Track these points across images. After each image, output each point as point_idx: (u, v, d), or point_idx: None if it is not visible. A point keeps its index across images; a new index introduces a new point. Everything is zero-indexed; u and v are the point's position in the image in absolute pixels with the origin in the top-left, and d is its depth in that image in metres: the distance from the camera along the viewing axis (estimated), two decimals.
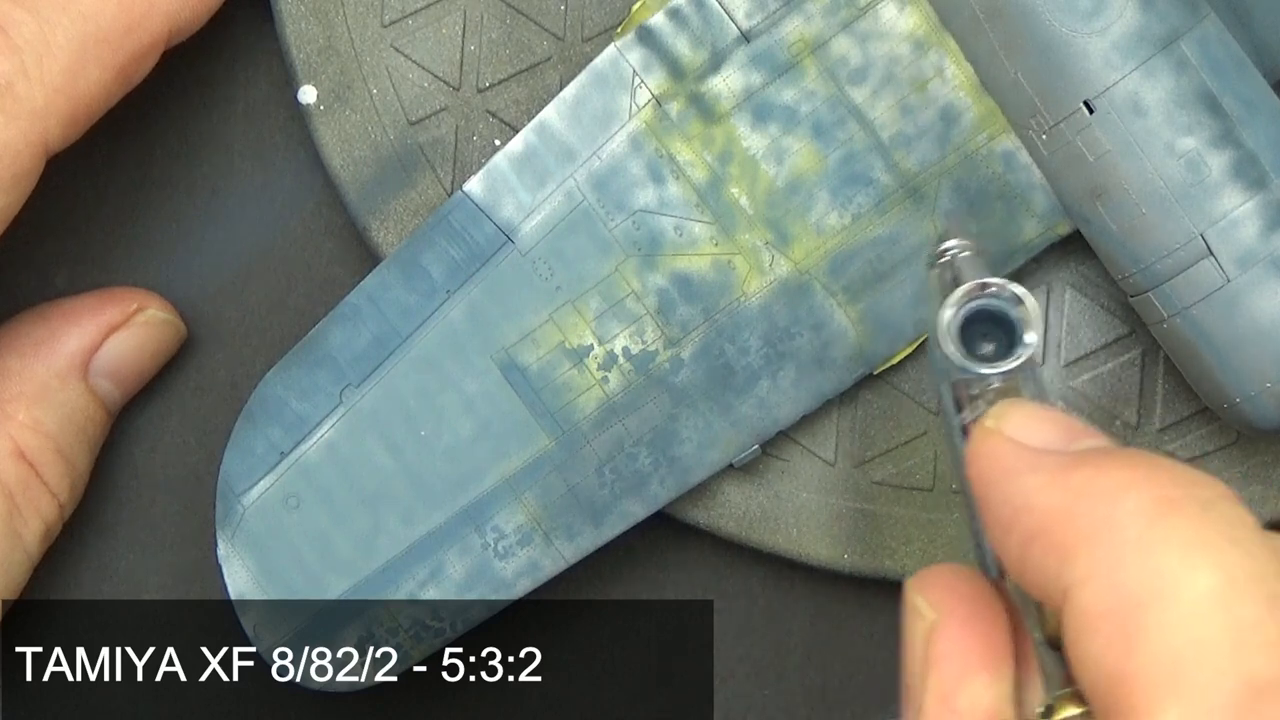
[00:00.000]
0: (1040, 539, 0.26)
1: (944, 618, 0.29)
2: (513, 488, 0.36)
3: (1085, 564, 0.26)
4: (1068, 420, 0.29)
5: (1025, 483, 0.27)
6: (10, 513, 0.36)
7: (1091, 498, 0.26)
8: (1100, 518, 0.26)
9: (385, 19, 0.37)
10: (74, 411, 0.37)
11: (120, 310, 0.38)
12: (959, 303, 0.30)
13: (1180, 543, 0.25)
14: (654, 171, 0.36)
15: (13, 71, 0.33)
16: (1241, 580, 0.25)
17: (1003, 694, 0.29)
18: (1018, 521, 0.27)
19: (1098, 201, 0.35)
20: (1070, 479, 0.27)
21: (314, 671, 0.37)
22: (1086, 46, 0.34)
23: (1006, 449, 0.28)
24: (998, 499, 0.28)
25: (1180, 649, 0.24)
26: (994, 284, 0.30)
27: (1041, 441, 0.28)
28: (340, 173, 0.38)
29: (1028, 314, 0.30)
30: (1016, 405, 0.29)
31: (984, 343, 0.30)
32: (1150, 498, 0.26)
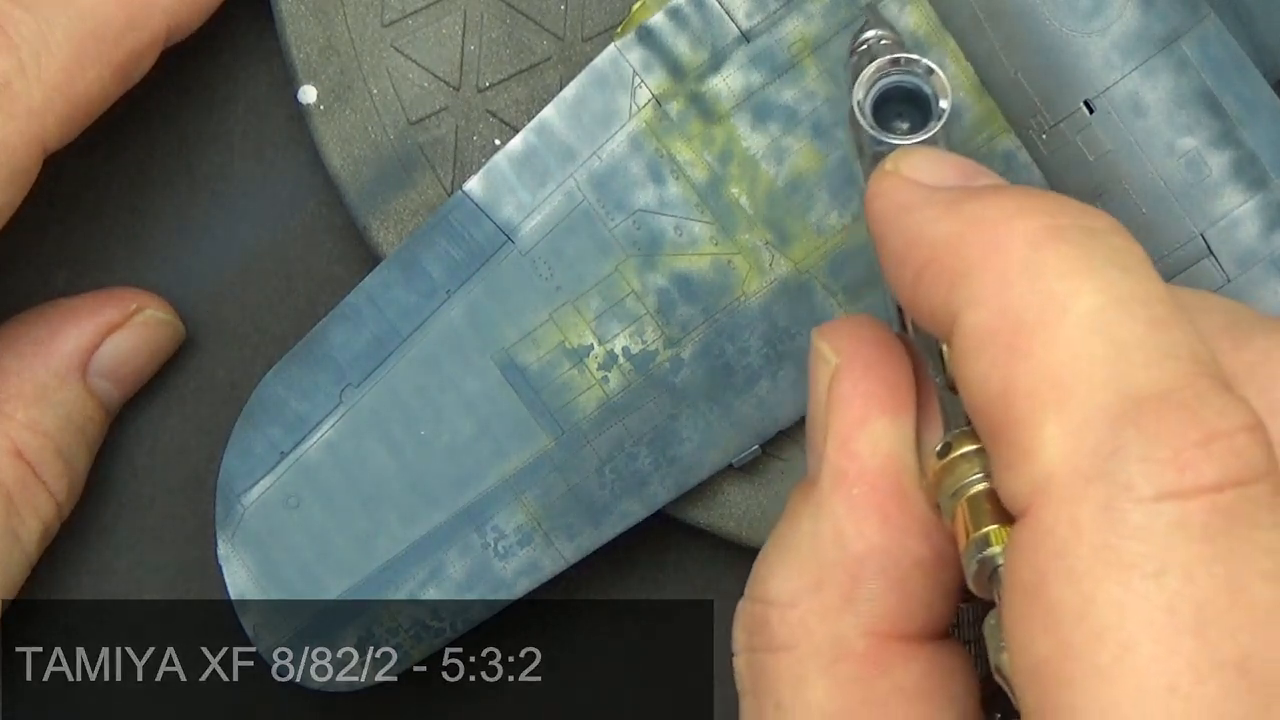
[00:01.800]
0: (931, 267, 0.27)
1: (846, 361, 0.29)
2: (513, 488, 0.36)
3: (972, 288, 0.26)
4: (965, 161, 0.29)
5: (919, 216, 0.27)
6: (8, 512, 0.36)
7: (980, 225, 0.26)
8: (988, 243, 0.26)
9: (385, 19, 0.37)
10: (72, 411, 0.37)
11: (119, 310, 0.38)
12: (872, 78, 0.31)
13: (1066, 266, 0.25)
14: (654, 171, 0.36)
15: (10, 69, 0.33)
16: (1125, 301, 0.25)
17: (902, 436, 0.29)
18: (911, 254, 0.27)
19: (1098, 201, 0.35)
20: (961, 209, 0.27)
21: (314, 671, 0.37)
22: (1086, 46, 0.34)
23: (902, 187, 0.28)
24: (894, 235, 0.28)
25: (1062, 365, 0.25)
26: (905, 58, 0.31)
27: (938, 180, 0.28)
28: (340, 172, 0.38)
29: (940, 84, 0.30)
30: (915, 149, 0.29)
31: (899, 121, 0.31)
32: (1038, 225, 0.26)
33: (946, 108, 0.30)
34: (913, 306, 0.27)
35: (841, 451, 0.29)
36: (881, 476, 0.29)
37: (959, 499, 0.27)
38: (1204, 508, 0.23)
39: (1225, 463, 0.24)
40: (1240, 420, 0.24)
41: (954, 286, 0.26)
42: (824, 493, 0.29)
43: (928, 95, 0.31)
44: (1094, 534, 0.24)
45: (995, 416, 0.25)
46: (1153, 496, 0.23)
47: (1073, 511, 0.24)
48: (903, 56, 0.31)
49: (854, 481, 0.29)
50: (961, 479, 0.27)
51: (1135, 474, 0.24)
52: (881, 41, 0.32)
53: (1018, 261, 0.25)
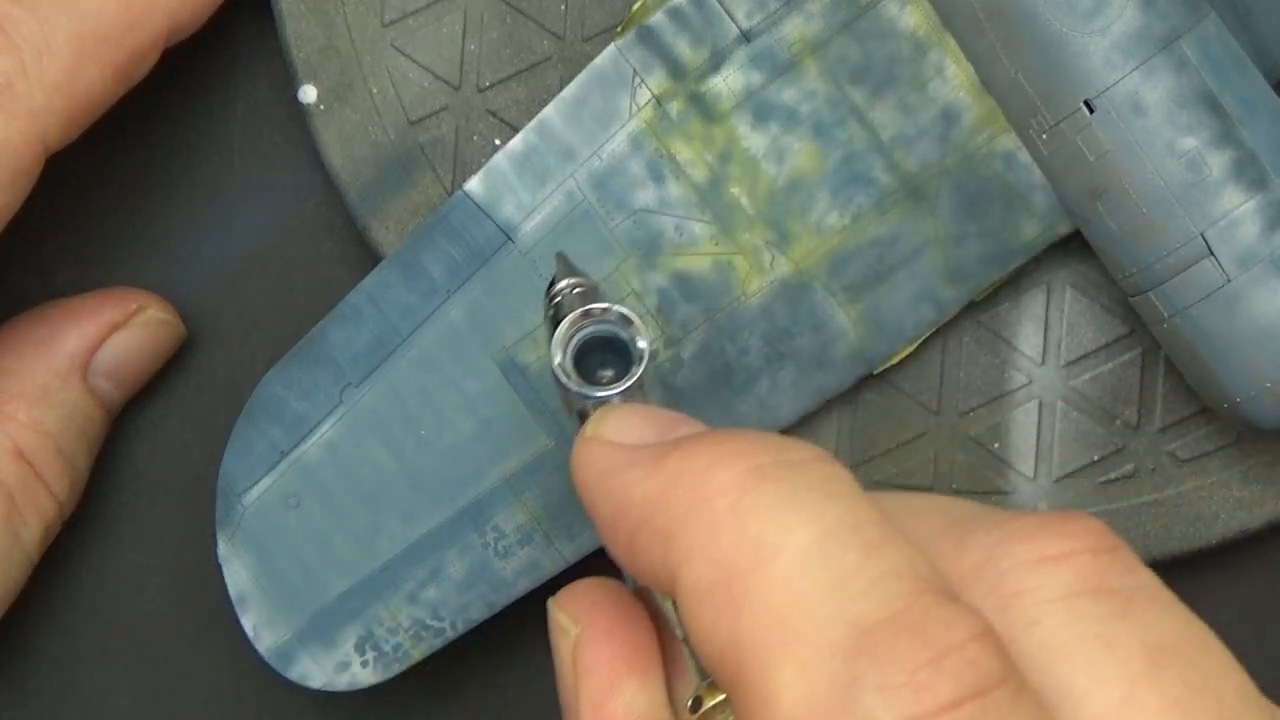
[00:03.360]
0: (643, 529, 0.27)
1: (586, 629, 0.30)
2: (513, 487, 0.36)
3: (684, 544, 0.26)
4: (663, 414, 0.29)
5: (623, 479, 0.27)
6: (9, 512, 0.36)
7: (684, 479, 0.26)
8: (693, 497, 0.26)
9: (385, 18, 0.37)
10: (74, 411, 0.37)
11: (120, 310, 0.38)
12: (567, 335, 0.31)
13: (772, 506, 0.25)
14: (654, 171, 0.36)
15: (12, 70, 0.33)
16: (837, 531, 0.25)
17: (653, 696, 0.29)
18: (621, 518, 0.27)
19: (1098, 201, 0.35)
20: (664, 466, 0.27)
21: (314, 671, 0.37)
22: (1087, 46, 0.34)
23: (604, 452, 0.28)
24: (601, 501, 0.28)
25: (782, 606, 0.24)
26: (596, 309, 0.31)
27: (638, 438, 0.28)
28: (340, 172, 0.38)
29: (638, 330, 0.31)
30: (611, 410, 0.30)
31: (603, 370, 0.31)
32: (740, 469, 0.26)
33: (645, 348, 0.31)
34: (632, 569, 0.27)
35: (597, 717, 0.29)
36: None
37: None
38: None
39: (960, 676, 0.24)
40: (969, 630, 0.24)
41: (667, 546, 0.26)
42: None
43: (625, 341, 0.31)
44: None
45: (729, 668, 0.25)
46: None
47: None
48: (595, 307, 0.31)
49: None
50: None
51: (873, 704, 0.24)
52: (575, 290, 0.32)
53: (724, 510, 0.25)
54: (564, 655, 0.30)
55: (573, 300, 0.32)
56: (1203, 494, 0.38)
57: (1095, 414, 0.38)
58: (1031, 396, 0.38)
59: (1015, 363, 0.38)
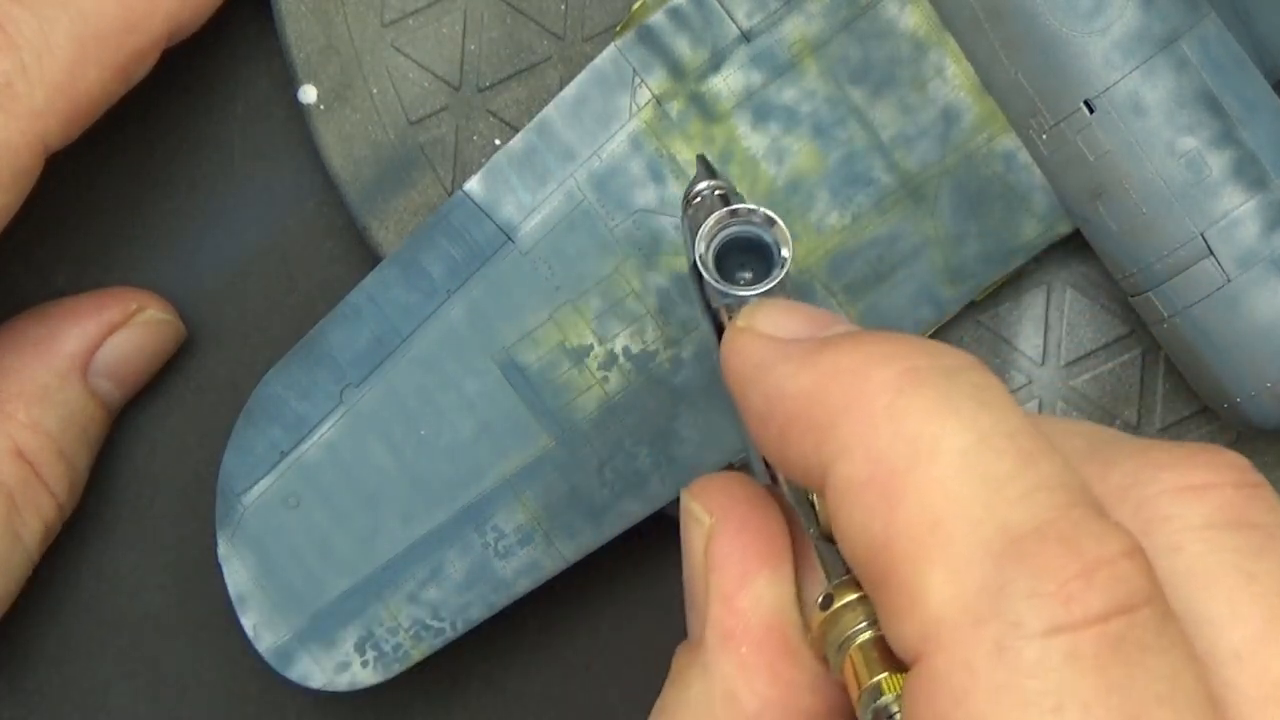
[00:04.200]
0: (796, 423, 0.26)
1: (720, 521, 0.29)
2: (513, 487, 0.36)
3: (839, 439, 0.26)
4: (816, 311, 0.29)
5: (778, 372, 0.27)
6: (10, 512, 0.36)
7: (839, 376, 0.26)
8: (849, 393, 0.26)
9: (385, 18, 0.37)
10: (74, 411, 0.37)
11: (120, 310, 0.38)
12: (712, 231, 0.31)
13: (929, 408, 0.25)
14: (654, 171, 0.36)
15: (12, 70, 0.33)
16: (993, 437, 0.25)
17: (784, 591, 0.29)
18: (774, 410, 0.27)
19: (1098, 201, 0.35)
20: (819, 361, 0.27)
21: (314, 671, 0.37)
22: (1087, 46, 0.34)
23: (757, 344, 0.28)
24: (754, 393, 0.28)
25: (937, 507, 0.24)
26: (743, 209, 0.31)
27: (791, 333, 0.28)
28: (340, 172, 0.38)
29: (780, 233, 0.30)
30: (764, 303, 0.29)
31: (742, 273, 0.31)
32: (896, 369, 0.26)
33: (789, 255, 0.30)
34: (781, 462, 0.27)
35: (725, 611, 0.29)
36: (768, 633, 0.29)
37: (846, 650, 0.26)
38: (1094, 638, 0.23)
39: (1110, 591, 0.24)
40: (1119, 546, 0.24)
41: (820, 440, 0.26)
42: (711, 653, 0.29)
43: (769, 244, 0.31)
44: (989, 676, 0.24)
45: (877, 566, 0.25)
46: (1043, 632, 0.23)
47: (966, 655, 0.24)
48: (741, 207, 0.31)
49: (741, 640, 0.29)
50: (846, 629, 0.26)
51: (1023, 611, 0.24)
52: (716, 193, 0.32)
53: (880, 409, 0.25)
54: (695, 546, 0.30)
55: (714, 201, 0.32)
56: None
57: (1095, 414, 0.38)
58: (1031, 396, 0.38)
59: (1015, 363, 0.38)
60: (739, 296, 0.30)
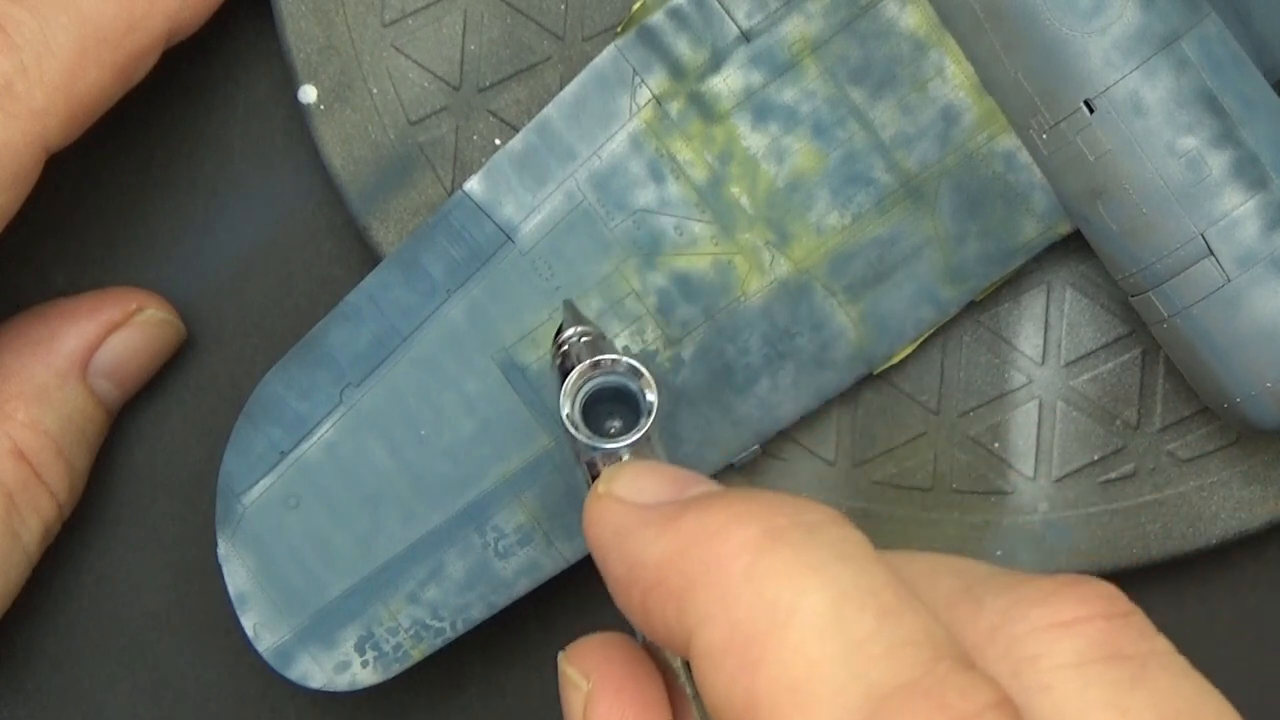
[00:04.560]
0: (656, 590, 0.27)
1: (597, 685, 0.30)
2: (513, 487, 0.36)
3: (701, 606, 0.26)
4: (678, 472, 0.29)
5: (636, 539, 0.27)
6: (9, 513, 0.36)
7: (698, 540, 0.26)
8: (708, 558, 0.26)
9: (385, 18, 0.37)
10: (73, 411, 0.37)
11: (120, 310, 0.38)
12: (576, 385, 0.31)
13: (788, 569, 0.25)
14: (654, 171, 0.36)
15: (12, 70, 0.33)
16: (851, 595, 0.25)
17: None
18: (634, 578, 0.27)
19: (1098, 201, 0.35)
20: (678, 526, 0.27)
21: (314, 671, 0.37)
22: (1087, 46, 0.34)
23: (616, 510, 0.28)
24: (614, 559, 0.28)
25: (800, 670, 0.24)
26: (606, 360, 0.31)
27: (652, 496, 0.28)
28: (340, 172, 0.38)
29: (647, 383, 0.31)
30: (624, 466, 0.29)
31: (611, 421, 0.31)
32: (755, 531, 0.26)
33: (655, 401, 0.31)
34: (646, 629, 0.27)
35: None
36: None
37: None
38: None
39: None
40: (985, 699, 0.24)
41: (681, 607, 0.26)
42: None
43: (634, 393, 0.31)
44: None
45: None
46: None
47: None
48: (604, 358, 0.31)
49: None
50: None
51: None
52: (582, 339, 0.32)
53: (739, 572, 0.25)
54: (575, 710, 0.30)
55: (580, 349, 0.32)
56: (1203, 494, 0.38)
57: (1095, 414, 0.38)
58: (1031, 396, 0.38)
59: (1015, 363, 0.38)
60: (606, 450, 0.30)
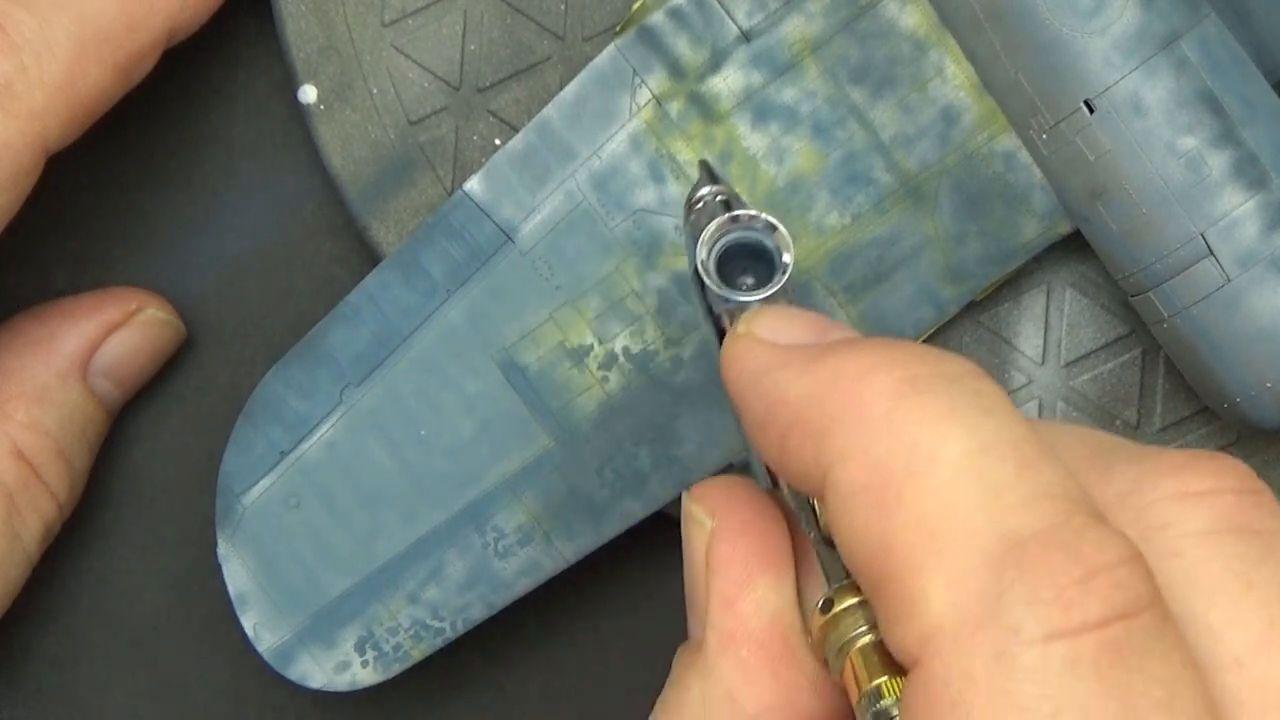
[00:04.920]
0: (796, 428, 0.26)
1: (722, 524, 0.30)
2: (513, 487, 0.36)
3: (839, 444, 0.26)
4: (816, 317, 0.29)
5: (777, 377, 0.27)
6: (9, 513, 0.36)
7: (840, 382, 0.26)
8: (849, 399, 0.26)
9: (385, 18, 0.37)
10: (73, 412, 0.37)
11: (120, 310, 0.38)
12: (713, 237, 0.31)
13: (929, 415, 0.25)
14: (654, 171, 0.36)
15: (12, 70, 0.33)
16: (992, 445, 0.25)
17: (785, 594, 0.29)
18: (773, 415, 0.27)
19: (1098, 201, 0.35)
20: (819, 367, 0.27)
21: (314, 671, 0.37)
22: (1087, 46, 0.34)
23: (757, 350, 0.28)
24: (753, 399, 0.28)
25: (936, 513, 0.24)
26: (744, 215, 0.31)
27: (791, 338, 0.28)
28: (341, 172, 0.38)
29: (782, 239, 0.30)
30: (764, 309, 0.29)
31: (744, 278, 0.31)
32: (897, 376, 0.26)
33: (790, 261, 0.30)
34: (781, 468, 0.27)
35: (726, 614, 0.29)
36: (769, 636, 0.29)
37: (846, 653, 0.27)
38: (1093, 644, 0.23)
39: (1109, 597, 0.24)
40: (1119, 553, 0.24)
41: (820, 445, 0.26)
42: (712, 655, 0.29)
43: (770, 250, 0.31)
44: (988, 681, 0.24)
45: (876, 571, 0.25)
46: (1042, 637, 0.23)
47: (964, 661, 0.24)
48: (742, 213, 0.31)
49: (741, 643, 0.29)
50: (847, 633, 0.27)
51: (1022, 617, 0.24)
52: (718, 198, 0.32)
53: (880, 414, 0.25)
54: (697, 549, 0.30)
55: (715, 206, 0.32)
56: None
57: (1095, 414, 0.38)
58: (1031, 396, 0.38)
59: (1015, 363, 0.38)
60: (740, 302, 0.30)
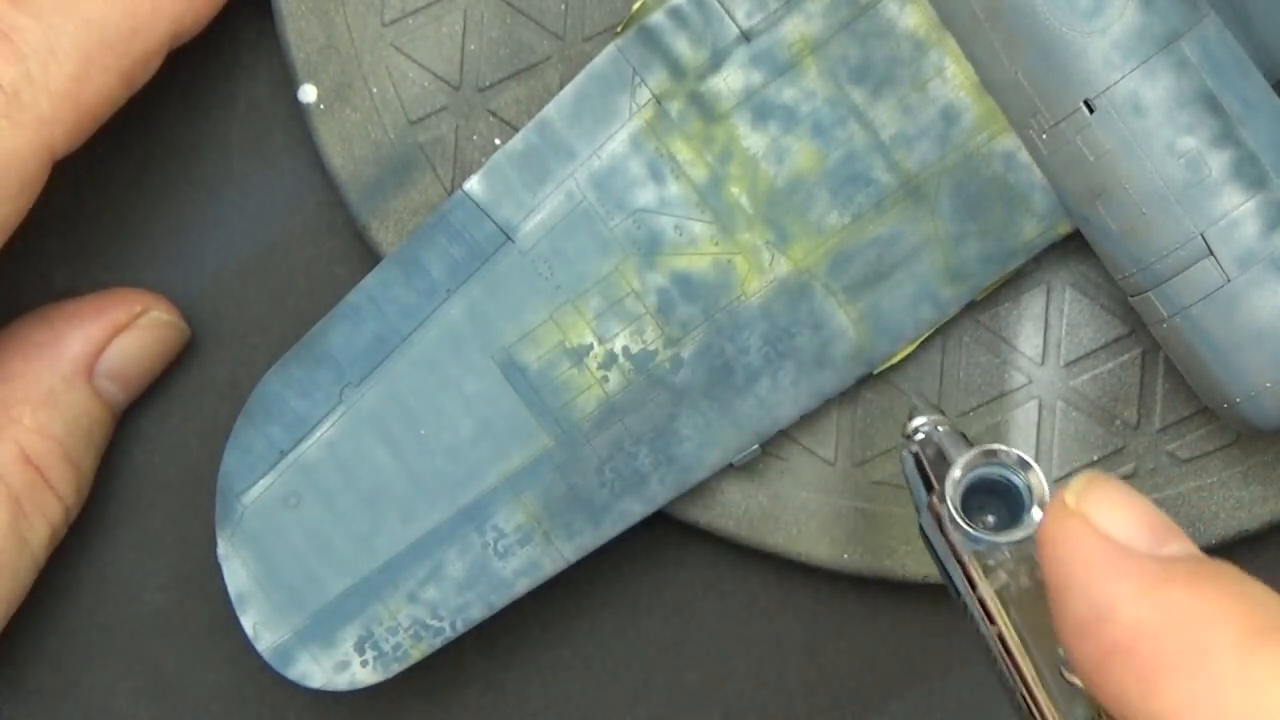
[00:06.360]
0: (1123, 655, 0.25)
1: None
2: (513, 487, 0.36)
3: (1178, 694, 0.24)
4: (1153, 513, 0.27)
5: (1113, 589, 0.25)
6: (16, 517, 0.36)
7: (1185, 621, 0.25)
8: (1193, 644, 0.24)
9: (385, 18, 0.37)
10: (79, 415, 0.37)
11: (124, 312, 0.38)
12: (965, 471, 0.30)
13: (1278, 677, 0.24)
14: (654, 171, 0.36)
15: (18, 78, 0.33)
16: None
17: None
18: (1099, 630, 0.25)
19: (1098, 201, 0.35)
20: (1161, 595, 0.25)
21: (314, 671, 0.37)
22: (1087, 46, 0.34)
23: (1091, 541, 0.26)
24: (1079, 599, 0.26)
25: None
26: (998, 450, 0.30)
27: (1127, 536, 0.26)
28: (341, 172, 0.38)
29: (1036, 479, 0.29)
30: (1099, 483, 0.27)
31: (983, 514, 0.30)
32: (1245, 628, 0.24)
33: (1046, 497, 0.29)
34: (1093, 684, 0.26)
35: None
36: None
37: None
38: None
39: None
40: None
41: (1151, 684, 0.24)
42: None
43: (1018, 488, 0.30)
44: None
45: None
46: None
47: None
48: (996, 449, 0.30)
49: None
50: None
51: None
52: (939, 428, 0.31)
53: (1230, 672, 0.24)
54: None
55: (943, 438, 0.31)
56: (1203, 494, 0.38)
57: (1095, 414, 0.38)
58: (1031, 396, 0.38)
59: (1015, 363, 0.38)
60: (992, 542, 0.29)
